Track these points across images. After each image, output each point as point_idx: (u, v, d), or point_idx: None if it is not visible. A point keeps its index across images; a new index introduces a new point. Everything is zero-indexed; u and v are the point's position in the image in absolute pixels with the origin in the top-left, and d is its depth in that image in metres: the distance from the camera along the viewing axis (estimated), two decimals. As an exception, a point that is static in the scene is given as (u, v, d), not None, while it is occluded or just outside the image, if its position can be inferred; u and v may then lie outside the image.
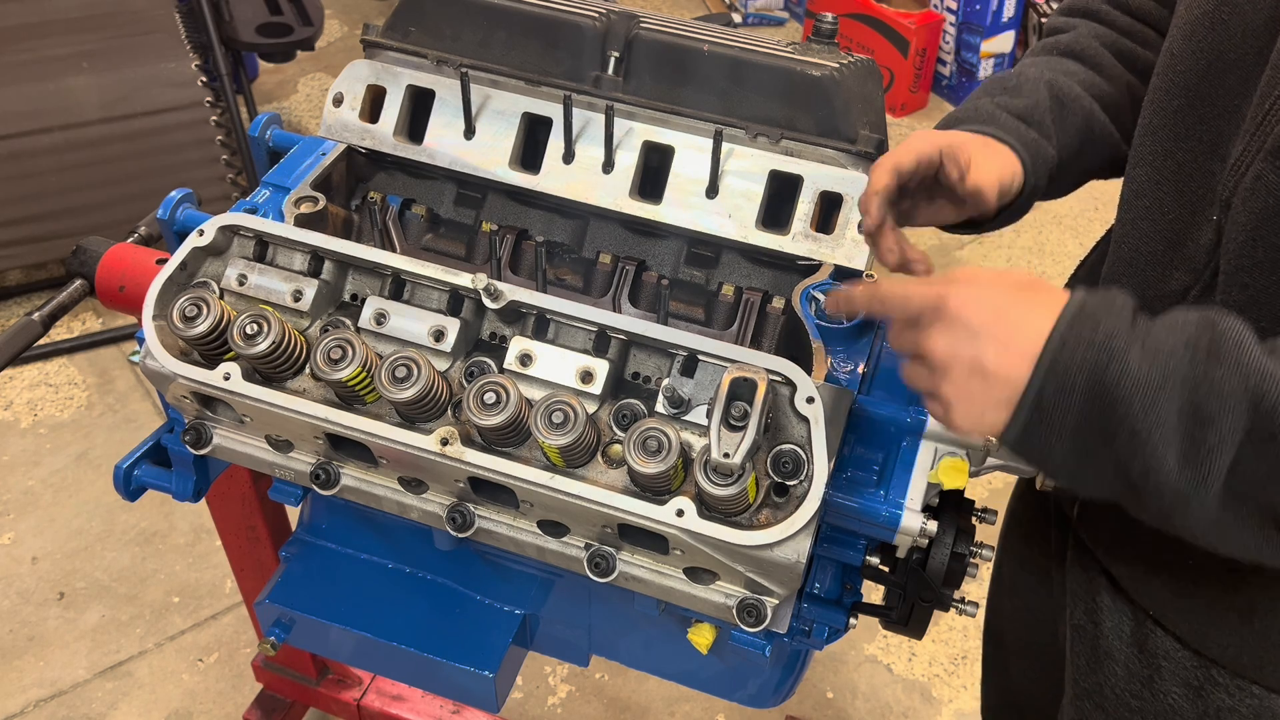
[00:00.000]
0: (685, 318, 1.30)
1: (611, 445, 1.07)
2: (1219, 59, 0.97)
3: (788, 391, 1.03)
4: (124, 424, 2.98)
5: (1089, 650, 1.21)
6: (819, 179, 1.23)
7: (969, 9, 4.20)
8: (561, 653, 1.45)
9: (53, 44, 3.20)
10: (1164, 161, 1.03)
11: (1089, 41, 1.17)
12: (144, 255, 1.38)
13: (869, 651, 2.57)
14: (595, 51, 1.30)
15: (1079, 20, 1.21)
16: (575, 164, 1.29)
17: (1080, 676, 1.24)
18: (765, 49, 1.27)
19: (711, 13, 4.95)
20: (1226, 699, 1.09)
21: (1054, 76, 1.14)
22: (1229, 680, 1.09)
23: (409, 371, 1.04)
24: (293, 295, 1.15)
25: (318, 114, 4.13)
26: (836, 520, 1.09)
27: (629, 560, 1.09)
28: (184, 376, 1.09)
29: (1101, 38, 1.17)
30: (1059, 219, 3.94)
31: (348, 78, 1.36)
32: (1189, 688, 1.12)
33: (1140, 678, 1.16)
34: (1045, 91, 1.12)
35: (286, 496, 1.29)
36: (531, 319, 1.13)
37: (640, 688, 2.47)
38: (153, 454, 1.38)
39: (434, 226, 1.39)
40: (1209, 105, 0.98)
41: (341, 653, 1.52)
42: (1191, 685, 1.11)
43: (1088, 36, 1.18)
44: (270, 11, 3.53)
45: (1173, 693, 1.13)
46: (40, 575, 2.63)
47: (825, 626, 1.17)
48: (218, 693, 2.42)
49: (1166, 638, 1.12)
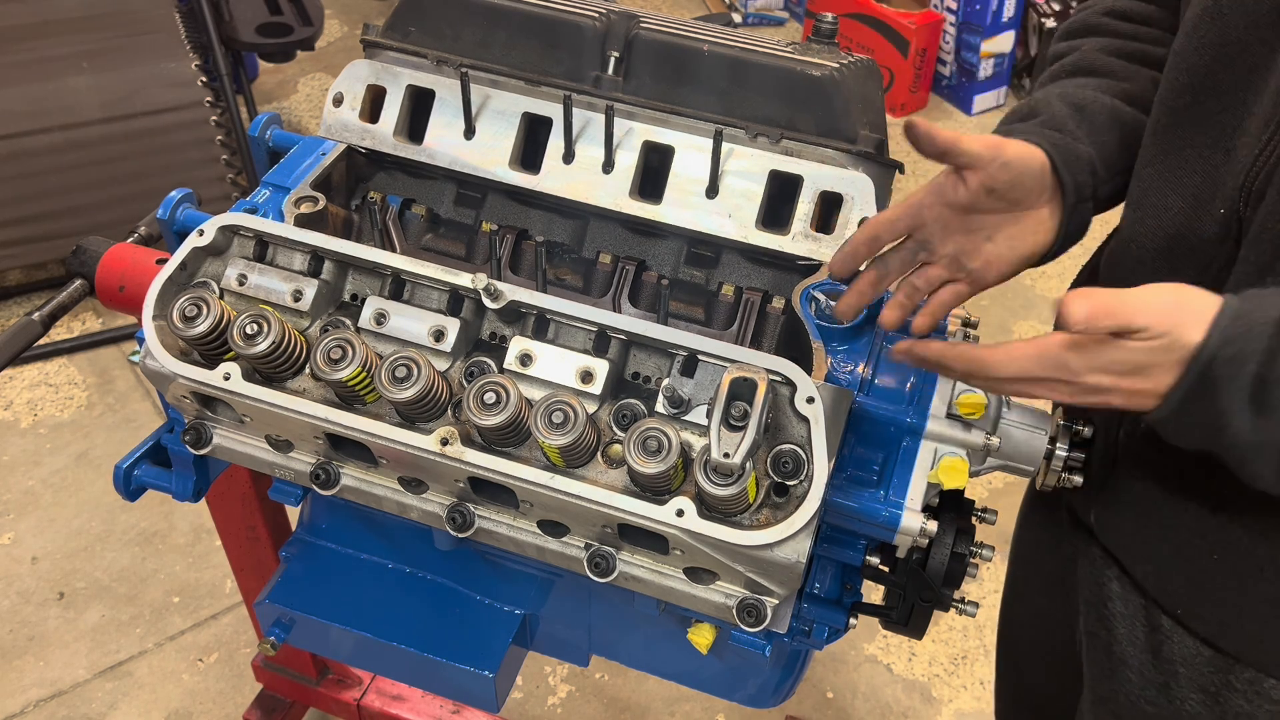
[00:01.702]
0: (685, 318, 1.30)
1: (611, 445, 1.07)
2: (1222, 52, 0.96)
3: (788, 391, 1.03)
4: (124, 424, 2.98)
5: (1103, 657, 1.21)
6: (819, 179, 1.23)
7: (969, 9, 4.20)
8: (561, 653, 1.45)
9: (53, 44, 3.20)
10: (1171, 159, 1.02)
11: (1095, 55, 1.16)
12: (144, 255, 1.38)
13: (869, 651, 2.57)
14: (595, 51, 1.30)
15: (1080, 40, 1.19)
16: (575, 164, 1.29)
17: (1096, 683, 1.23)
18: (765, 49, 1.27)
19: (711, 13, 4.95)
20: (1245, 705, 1.09)
21: (1063, 90, 1.12)
22: (1247, 686, 1.08)
23: (409, 371, 1.04)
24: (293, 295, 1.15)
25: (318, 114, 4.13)
26: (836, 520, 1.09)
27: (629, 560, 1.09)
28: (184, 376, 1.09)
29: (1107, 49, 1.16)
30: (1059, 219, 3.94)
31: (348, 78, 1.36)
32: (1206, 693, 1.11)
33: (1156, 684, 1.15)
34: (1059, 103, 1.10)
35: (286, 496, 1.29)
36: (531, 319, 1.13)
37: (640, 688, 2.47)
38: (153, 454, 1.38)
39: (434, 226, 1.39)
40: (1214, 99, 0.98)
41: (341, 653, 1.52)
42: (1208, 691, 1.11)
43: (1092, 51, 1.16)
44: (270, 11, 3.53)
45: (1189, 699, 1.12)
46: (40, 575, 2.63)
47: (825, 626, 1.17)
48: (218, 693, 2.42)
49: (1183, 641, 1.12)
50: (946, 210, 1.04)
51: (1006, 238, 1.06)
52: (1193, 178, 1.00)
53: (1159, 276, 1.04)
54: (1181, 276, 1.02)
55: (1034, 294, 3.62)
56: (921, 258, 1.08)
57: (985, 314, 3.51)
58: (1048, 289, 3.63)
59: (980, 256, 1.06)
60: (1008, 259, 1.07)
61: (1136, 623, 1.16)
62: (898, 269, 1.09)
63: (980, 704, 2.47)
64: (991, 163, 1.01)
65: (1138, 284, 1.06)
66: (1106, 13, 1.19)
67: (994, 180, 1.01)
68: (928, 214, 1.05)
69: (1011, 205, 1.04)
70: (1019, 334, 3.46)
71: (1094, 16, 1.20)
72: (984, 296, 3.57)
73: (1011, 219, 1.05)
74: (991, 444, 1.08)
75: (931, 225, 1.05)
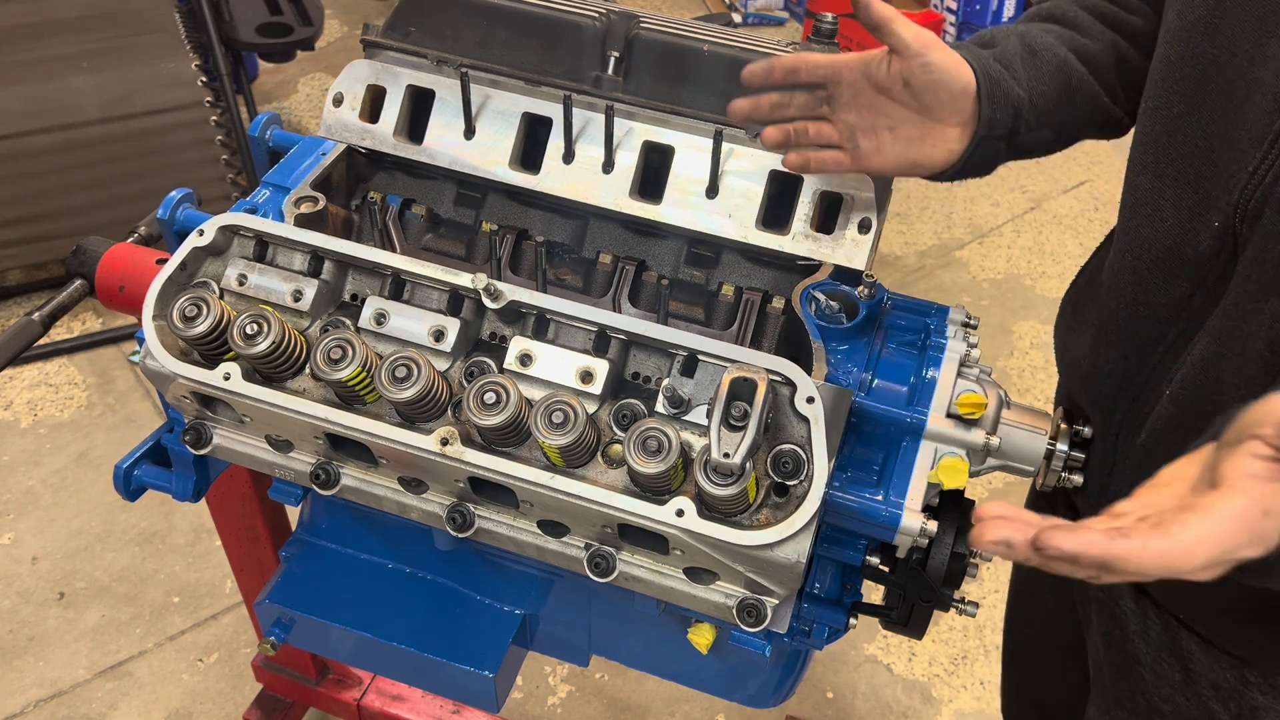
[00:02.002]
0: (685, 318, 1.30)
1: (611, 445, 1.07)
2: (1212, 63, 0.97)
3: (788, 391, 1.03)
4: (124, 424, 2.98)
5: (1117, 656, 1.21)
6: (819, 179, 1.23)
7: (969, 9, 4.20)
8: (561, 653, 1.45)
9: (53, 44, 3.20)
10: (1165, 168, 1.02)
11: (1068, 5, 1.17)
12: (144, 255, 1.38)
13: (869, 651, 2.57)
14: (595, 51, 1.30)
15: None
16: (575, 164, 1.29)
17: (1111, 684, 1.23)
18: (765, 49, 1.27)
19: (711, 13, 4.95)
20: (1261, 698, 1.09)
21: (1026, 29, 1.13)
22: (1261, 679, 1.08)
23: (409, 371, 1.04)
24: (293, 295, 1.15)
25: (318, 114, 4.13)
26: (836, 520, 1.09)
27: (629, 560, 1.09)
28: (184, 376, 1.09)
29: (1081, 2, 1.17)
30: (1059, 219, 3.94)
31: (348, 78, 1.36)
32: (1221, 689, 1.11)
33: (1171, 682, 1.15)
34: (1016, 40, 1.11)
35: (286, 496, 1.29)
36: (531, 319, 1.13)
37: (640, 688, 2.47)
38: (153, 454, 1.38)
39: (434, 226, 1.39)
40: (1205, 110, 0.98)
41: (341, 653, 1.52)
42: (1223, 687, 1.11)
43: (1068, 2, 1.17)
44: (270, 11, 3.54)
45: (1205, 694, 1.12)
46: (40, 575, 2.63)
47: (825, 626, 1.17)
48: (218, 693, 2.42)
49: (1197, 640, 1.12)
50: (863, 81, 1.06)
51: (905, 136, 1.08)
52: (1184, 188, 1.00)
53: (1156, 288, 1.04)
54: (1178, 289, 1.02)
55: (1034, 294, 3.62)
56: (823, 111, 1.10)
57: (985, 314, 3.51)
58: (1048, 289, 3.63)
59: (874, 138, 1.09)
60: (897, 156, 1.09)
61: (1150, 621, 1.16)
62: (798, 108, 1.12)
63: (980, 704, 2.47)
64: (915, 57, 1.03)
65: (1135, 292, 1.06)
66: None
67: (912, 75, 1.03)
68: (845, 74, 1.07)
69: (923, 109, 1.06)
70: (1019, 334, 3.46)
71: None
72: (984, 297, 3.58)
73: (918, 121, 1.07)
74: (991, 444, 1.08)
75: (845, 87, 1.08)
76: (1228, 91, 0.95)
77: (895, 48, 1.03)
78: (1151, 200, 1.04)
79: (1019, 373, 3.33)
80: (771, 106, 1.13)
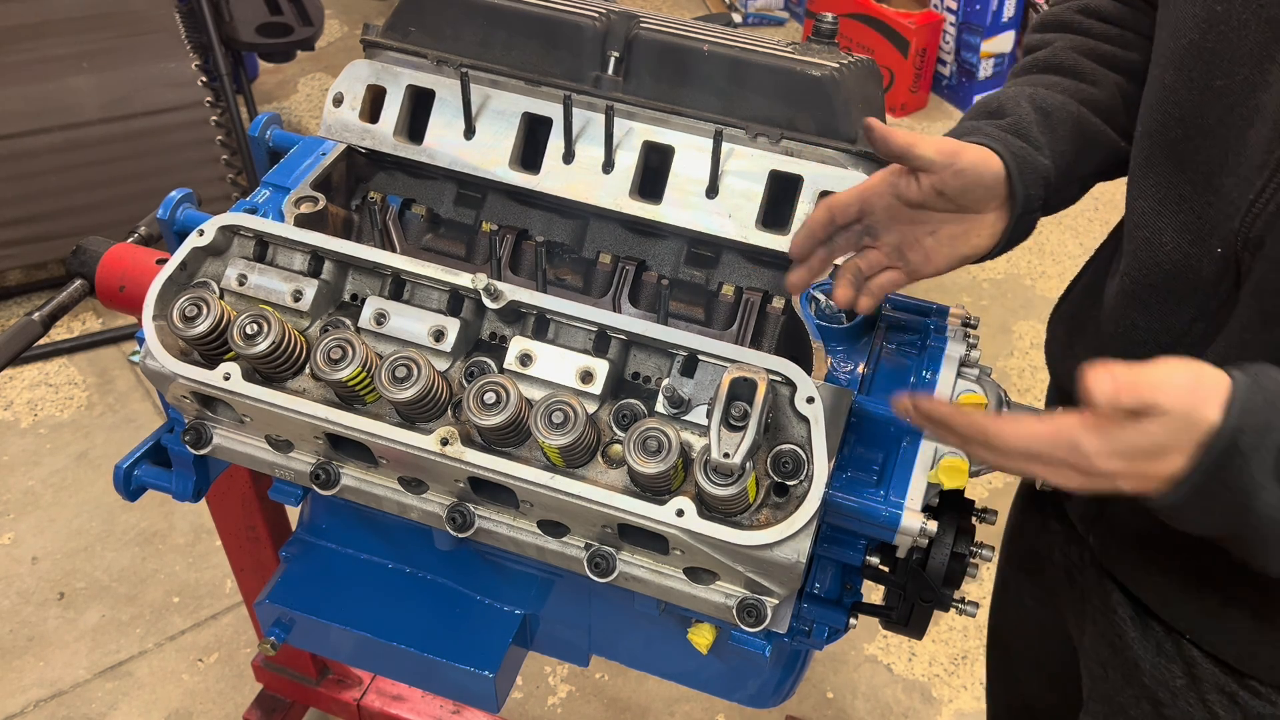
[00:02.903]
0: (685, 318, 1.30)
1: (611, 445, 1.07)
2: (1209, 88, 0.96)
3: (788, 391, 1.03)
4: (124, 424, 2.98)
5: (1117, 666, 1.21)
6: (819, 179, 1.23)
7: (969, 9, 4.20)
8: (561, 653, 1.45)
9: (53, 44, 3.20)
10: (1165, 194, 1.02)
11: (1066, 53, 1.16)
12: (144, 255, 1.38)
13: (869, 651, 2.57)
14: (595, 51, 1.30)
15: (1053, 35, 1.19)
16: (575, 164, 1.29)
17: (1113, 692, 1.23)
18: (765, 49, 1.27)
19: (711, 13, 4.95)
20: (1266, 708, 1.09)
21: (1034, 91, 1.12)
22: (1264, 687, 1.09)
23: (409, 371, 1.04)
24: (293, 295, 1.15)
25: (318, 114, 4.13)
26: (836, 520, 1.09)
27: (629, 560, 1.09)
28: (184, 376, 1.09)
29: (1078, 47, 1.16)
30: (1059, 219, 3.94)
31: (348, 78, 1.36)
32: (1224, 694, 1.11)
33: (1171, 689, 1.15)
34: (1028, 106, 1.10)
35: (286, 496, 1.29)
36: (531, 319, 1.13)
37: (640, 688, 2.47)
38: (153, 454, 1.38)
39: (434, 226, 1.39)
40: (1204, 136, 0.97)
41: (341, 653, 1.52)
42: (1226, 692, 1.11)
43: (1064, 49, 1.16)
44: (270, 11, 3.53)
45: (1208, 700, 1.12)
46: (40, 575, 2.63)
47: (825, 626, 1.17)
48: (218, 693, 2.42)
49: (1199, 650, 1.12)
50: (896, 203, 1.06)
51: (949, 235, 1.07)
52: (1185, 214, 1.00)
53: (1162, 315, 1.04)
54: (1182, 315, 1.02)
55: (1034, 294, 3.62)
56: (866, 242, 1.10)
57: (985, 314, 3.51)
58: (1048, 289, 3.63)
59: (920, 250, 1.08)
60: (947, 255, 1.09)
61: (1149, 629, 1.16)
62: (843, 248, 1.11)
63: (980, 704, 2.47)
64: (946, 169, 1.02)
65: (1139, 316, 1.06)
66: (1080, 10, 1.19)
67: (946, 185, 1.03)
68: (878, 202, 1.06)
69: (960, 208, 1.06)
70: (1019, 334, 3.46)
71: (1068, 13, 1.20)
72: (984, 296, 3.58)
73: (957, 219, 1.07)
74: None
75: (880, 213, 1.07)
76: (1228, 117, 0.95)
77: (924, 168, 1.03)
78: (1152, 224, 1.04)
79: (1019, 373, 3.33)
80: (823, 264, 1.12)
